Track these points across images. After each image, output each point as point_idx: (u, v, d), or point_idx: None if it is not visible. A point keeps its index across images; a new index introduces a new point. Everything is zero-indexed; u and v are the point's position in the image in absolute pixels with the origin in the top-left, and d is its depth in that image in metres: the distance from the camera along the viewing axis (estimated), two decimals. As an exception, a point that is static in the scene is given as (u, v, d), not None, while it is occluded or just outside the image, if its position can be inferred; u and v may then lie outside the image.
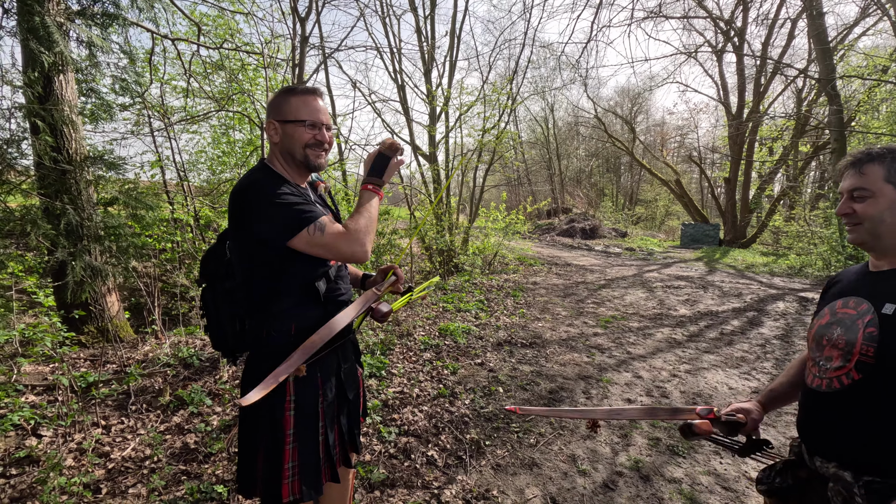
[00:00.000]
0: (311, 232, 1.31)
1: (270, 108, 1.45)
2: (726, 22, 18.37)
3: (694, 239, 19.18)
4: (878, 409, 1.03)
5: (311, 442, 1.42)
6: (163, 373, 3.42)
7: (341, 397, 1.54)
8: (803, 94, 19.19)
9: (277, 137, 1.43)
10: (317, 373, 1.45)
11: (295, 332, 1.42)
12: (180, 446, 2.70)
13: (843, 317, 1.14)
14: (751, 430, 1.36)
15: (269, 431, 1.39)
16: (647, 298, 7.61)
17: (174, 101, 8.27)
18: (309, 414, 1.42)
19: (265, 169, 1.44)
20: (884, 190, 1.08)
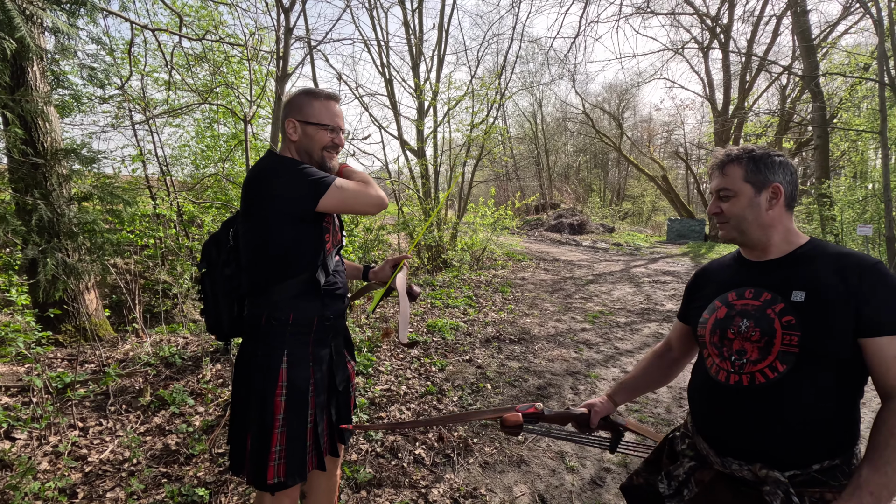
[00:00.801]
0: (339, 185, 1.41)
1: (291, 106, 1.51)
2: (713, 19, 18.51)
3: (680, 234, 19.38)
4: (803, 399, 1.02)
5: (299, 428, 1.46)
6: (143, 372, 3.34)
7: (332, 388, 1.59)
8: (787, 91, 19.46)
9: (296, 136, 1.51)
10: (309, 362, 1.49)
11: (293, 322, 1.47)
12: (161, 448, 2.63)
13: (745, 308, 1.13)
14: (594, 422, 1.44)
15: (259, 414, 1.43)
16: (634, 293, 7.65)
17: (156, 93, 8.09)
18: (299, 400, 1.46)
19: (276, 155, 1.53)
20: (743, 189, 1.14)
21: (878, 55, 10.70)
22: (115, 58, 6.94)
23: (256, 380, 1.45)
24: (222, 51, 7.11)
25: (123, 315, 4.47)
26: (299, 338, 1.49)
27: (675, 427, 1.38)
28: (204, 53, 6.88)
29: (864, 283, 0.99)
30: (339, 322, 1.62)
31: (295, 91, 1.55)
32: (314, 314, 1.50)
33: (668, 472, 1.25)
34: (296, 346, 1.48)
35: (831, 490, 1.00)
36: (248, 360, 1.49)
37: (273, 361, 1.45)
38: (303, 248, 1.47)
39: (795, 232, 1.17)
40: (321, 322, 1.52)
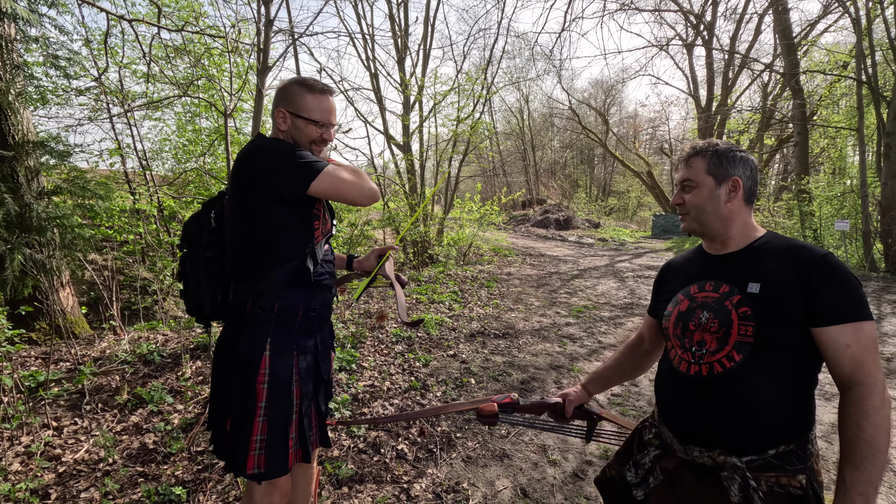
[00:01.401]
0: (332, 171, 1.39)
1: (283, 96, 1.48)
2: (696, 16, 18.68)
3: (665, 229, 19.61)
4: (759, 387, 1.05)
5: (282, 419, 1.44)
6: (120, 370, 3.27)
7: (318, 379, 1.57)
8: (769, 88, 19.74)
9: (285, 126, 1.49)
10: (293, 352, 1.47)
11: (278, 310, 1.43)
12: (138, 447, 2.58)
13: (705, 300, 1.16)
14: (569, 411, 1.52)
15: (241, 400, 1.41)
16: (618, 288, 7.72)
17: (134, 86, 7.91)
18: (284, 390, 1.44)
19: (267, 139, 1.50)
20: (705, 181, 1.17)
21: (855, 53, 10.90)
22: (91, 49, 6.78)
23: (239, 366, 1.43)
24: (203, 43, 6.97)
25: (101, 312, 4.38)
26: (284, 327, 1.46)
27: (644, 418, 1.39)
28: (184, 45, 6.75)
29: (815, 275, 1.02)
30: (325, 312, 1.60)
31: (290, 79, 1.52)
32: (300, 304, 1.48)
33: (636, 460, 1.28)
34: (280, 335, 1.45)
35: (786, 474, 1.02)
36: (231, 346, 1.46)
37: (256, 349, 1.42)
38: (291, 234, 1.44)
39: (753, 226, 1.20)
40: (306, 313, 1.50)
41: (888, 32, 9.99)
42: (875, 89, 10.26)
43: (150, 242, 5.91)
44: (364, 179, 1.47)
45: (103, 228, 5.57)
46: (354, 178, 1.44)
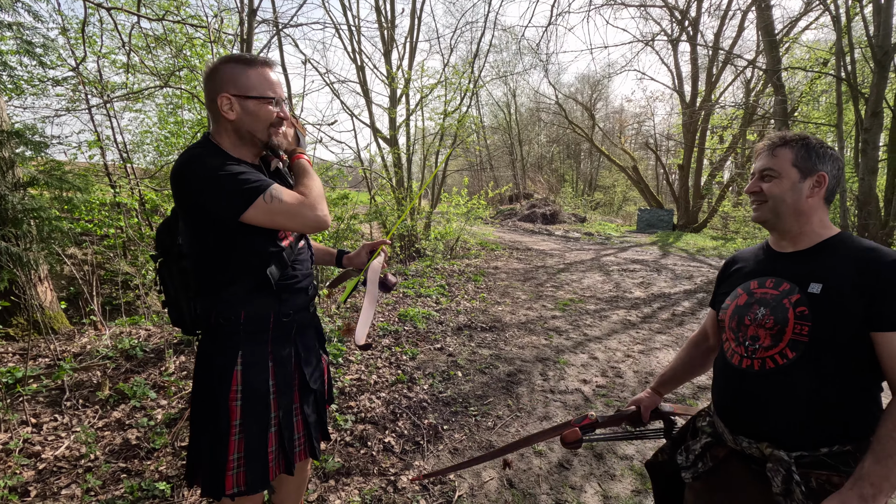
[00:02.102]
0: (268, 200, 1.21)
1: (222, 79, 1.28)
2: (681, 12, 18.82)
3: (649, 224, 19.82)
4: (809, 385, 1.06)
5: (260, 434, 1.36)
6: (102, 366, 3.22)
7: (303, 387, 1.48)
8: (752, 84, 20.01)
9: (234, 114, 1.29)
10: (268, 362, 1.38)
11: (245, 320, 1.34)
12: (120, 443, 2.55)
13: (763, 297, 1.17)
14: (646, 417, 1.52)
15: (214, 420, 1.33)
16: (603, 281, 7.80)
17: (114, 76, 7.74)
18: (259, 404, 1.36)
19: (207, 144, 1.32)
20: (790, 172, 1.16)
21: (835, 51, 11.09)
22: (68, 37, 6.60)
23: (209, 383, 1.35)
24: (184, 33, 6.83)
25: (81, 307, 4.29)
26: (255, 336, 1.36)
27: (701, 409, 1.43)
28: (165, 35, 6.59)
29: (881, 278, 1.01)
30: (302, 316, 1.48)
31: (220, 60, 1.30)
32: (269, 311, 1.37)
33: (688, 446, 1.32)
34: (252, 345, 1.36)
35: (839, 474, 1.03)
36: (202, 361, 1.39)
37: (226, 363, 1.33)
38: (247, 247, 1.31)
39: (827, 224, 1.19)
40: (278, 319, 1.40)
41: (867, 31, 10.18)
42: (854, 86, 10.46)
43: (132, 236, 5.80)
44: (309, 206, 1.28)
45: (83, 222, 5.44)
46: (296, 205, 1.25)
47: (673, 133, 27.54)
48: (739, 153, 20.73)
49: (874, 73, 9.95)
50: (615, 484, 2.45)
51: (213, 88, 1.29)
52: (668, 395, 3.23)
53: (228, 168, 1.22)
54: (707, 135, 20.04)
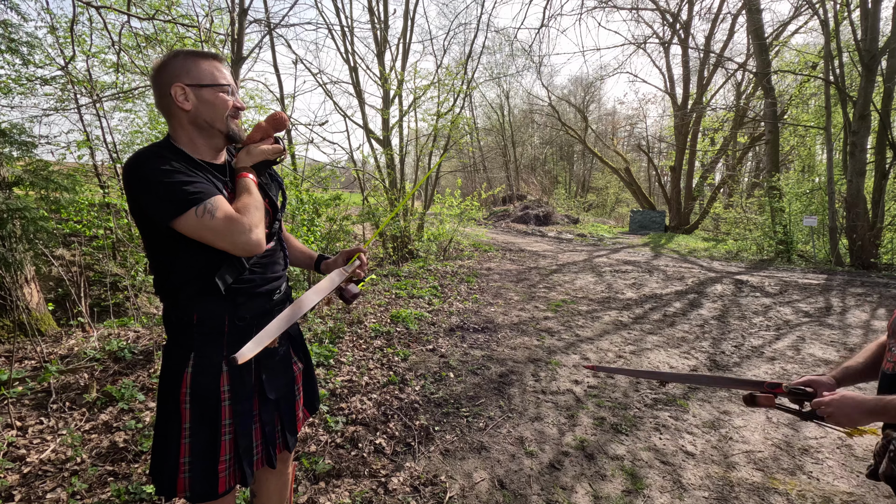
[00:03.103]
0: (200, 213, 1.15)
1: (173, 71, 1.24)
2: (673, 15, 18.97)
3: (642, 225, 19.93)
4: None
5: (208, 442, 1.31)
6: (89, 368, 3.18)
7: (262, 395, 1.41)
8: (742, 87, 20.20)
9: (189, 104, 1.25)
10: (222, 366, 1.31)
11: (197, 322, 1.28)
12: (107, 446, 2.52)
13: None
14: None
15: (166, 422, 1.31)
16: (595, 283, 7.83)
17: (104, 75, 7.66)
18: (207, 410, 1.30)
19: (165, 143, 1.28)
20: None
21: (824, 55, 11.22)
22: (57, 36, 6.53)
23: (164, 383, 1.32)
24: (175, 32, 6.78)
25: (69, 309, 4.24)
26: (209, 339, 1.30)
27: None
28: (155, 34, 6.54)
29: None
30: (263, 321, 1.37)
31: (168, 55, 1.27)
32: (222, 314, 1.31)
33: None
34: (204, 347, 1.30)
35: None
36: (163, 360, 1.36)
37: (179, 364, 1.29)
38: (195, 250, 1.24)
39: None
40: (233, 323, 1.32)
41: (854, 34, 10.31)
42: (842, 89, 10.58)
43: (122, 237, 5.75)
44: (243, 229, 1.20)
45: (71, 223, 5.39)
46: (228, 226, 1.18)
47: (665, 135, 27.74)
48: (730, 155, 20.90)
49: (861, 76, 10.08)
50: (606, 484, 2.45)
51: (164, 82, 1.24)
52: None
53: (171, 172, 1.16)
54: (698, 137, 20.20)
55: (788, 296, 7.05)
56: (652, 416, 3.20)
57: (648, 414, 3.22)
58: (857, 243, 10.07)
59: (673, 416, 3.19)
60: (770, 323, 5.55)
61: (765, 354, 4.44)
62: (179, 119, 1.27)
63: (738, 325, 5.45)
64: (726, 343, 4.77)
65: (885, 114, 10.04)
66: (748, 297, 6.97)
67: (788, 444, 2.87)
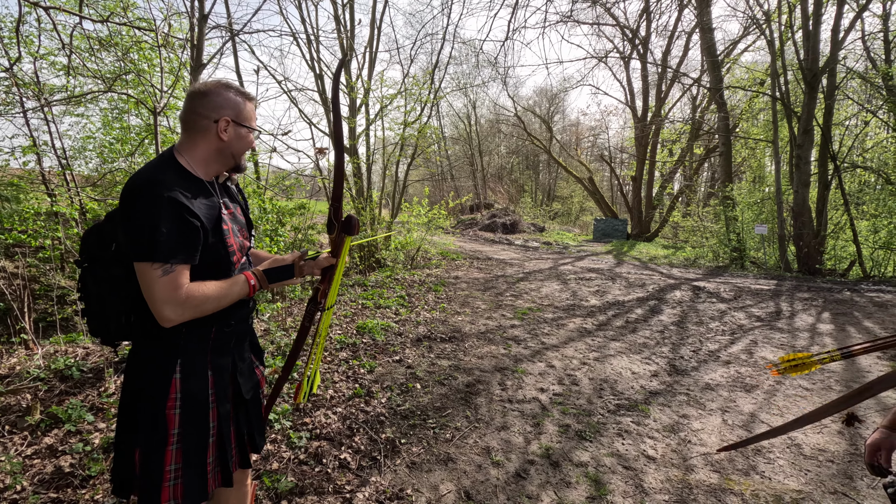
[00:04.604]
0: (156, 268, 1.19)
1: (224, 103, 1.36)
2: (632, 31, 19.71)
3: (605, 233, 20.46)
4: None
5: (199, 444, 1.36)
6: (32, 388, 2.99)
7: (237, 397, 1.50)
8: (697, 101, 21.12)
9: (227, 137, 1.37)
10: (207, 371, 1.39)
11: (187, 330, 1.34)
12: (52, 471, 2.36)
13: None
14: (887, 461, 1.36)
15: (149, 430, 1.30)
16: (561, 290, 7.97)
17: (53, 78, 7.31)
18: (197, 413, 1.36)
19: (175, 167, 1.32)
20: None
21: (771, 72, 11.88)
22: (1, 36, 6.19)
23: (146, 390, 1.32)
24: (131, 35, 6.55)
25: (10, 325, 3.99)
26: (195, 345, 1.37)
27: None
28: (109, 37, 6.30)
29: None
30: (241, 327, 1.51)
31: (221, 84, 1.38)
32: (212, 323, 1.39)
33: None
34: (191, 354, 1.36)
35: None
36: (139, 368, 1.35)
37: (165, 371, 1.32)
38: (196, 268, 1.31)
39: None
40: (220, 329, 1.42)
41: (798, 54, 10.98)
42: (787, 105, 11.23)
43: (70, 248, 5.46)
44: (176, 305, 1.22)
45: (15, 233, 5.08)
46: (169, 296, 1.20)
47: (626, 146, 28.66)
48: (687, 166, 21.78)
49: (805, 93, 10.71)
50: (571, 491, 2.48)
51: (212, 107, 1.34)
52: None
53: (166, 221, 1.19)
54: (658, 148, 20.98)
55: (742, 301, 7.36)
56: (615, 421, 3.27)
57: (612, 420, 3.29)
58: (804, 250, 10.64)
59: (635, 422, 3.27)
60: (725, 328, 5.78)
61: (721, 358, 4.61)
62: (210, 143, 1.37)
63: (695, 330, 5.65)
64: (685, 348, 4.93)
65: (827, 129, 10.70)
66: (705, 302, 7.24)
67: (743, 445, 2.99)
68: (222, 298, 1.33)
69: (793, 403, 3.60)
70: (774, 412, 3.46)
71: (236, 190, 1.58)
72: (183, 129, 1.37)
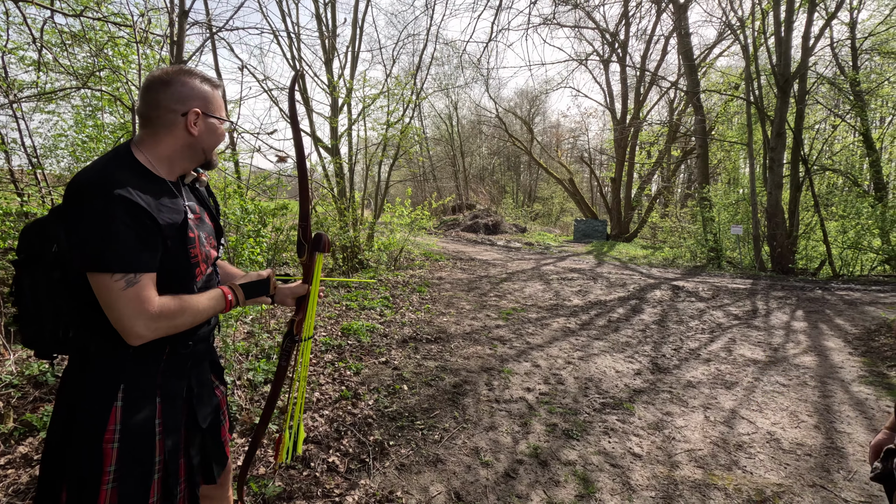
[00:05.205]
0: (117, 279, 1.04)
1: (192, 94, 1.20)
2: (611, 34, 20.01)
3: (585, 234, 20.72)
4: None
5: (138, 484, 1.17)
6: (5, 395, 2.88)
7: (192, 426, 1.32)
8: (675, 104, 21.57)
9: (197, 131, 1.22)
10: (155, 398, 1.20)
11: (133, 350, 1.15)
12: (27, 481, 2.28)
13: None
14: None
15: (80, 464, 1.11)
16: (544, 290, 8.04)
17: (22, 74, 7.06)
18: (140, 448, 1.17)
19: (132, 164, 1.14)
20: None
21: (745, 77, 12.20)
22: (-34, 30, 5.95)
23: (79, 419, 1.13)
24: (105, 31, 6.37)
25: (-21, 329, 3.83)
26: (142, 368, 1.18)
27: None
28: (83, 32, 6.11)
29: None
30: (202, 346, 1.32)
31: (184, 72, 1.21)
32: (165, 344, 1.20)
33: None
34: (137, 377, 1.17)
35: None
36: (74, 391, 1.15)
37: (102, 397, 1.13)
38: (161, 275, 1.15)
39: None
40: (175, 350, 1.23)
41: (770, 60, 11.30)
42: (761, 109, 11.54)
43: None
44: (159, 323, 1.09)
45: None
46: (136, 310, 1.05)
47: (605, 148, 29.09)
48: (665, 167, 22.22)
49: (777, 97, 11.03)
50: (560, 490, 2.50)
51: (177, 99, 1.19)
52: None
53: (123, 216, 1.04)
54: (636, 150, 21.34)
55: (720, 300, 7.54)
56: (601, 420, 3.31)
57: (597, 418, 3.33)
58: (777, 250, 10.96)
59: (620, 420, 3.31)
60: (705, 326, 5.91)
61: (701, 356, 4.71)
62: (176, 138, 1.21)
63: (676, 328, 5.76)
64: (666, 346, 5.02)
65: (798, 132, 11.04)
66: (684, 301, 7.39)
67: (725, 440, 3.06)
68: (198, 314, 1.18)
69: (771, 399, 3.70)
70: (754, 408, 3.54)
71: (206, 193, 1.41)
72: (142, 123, 1.19)
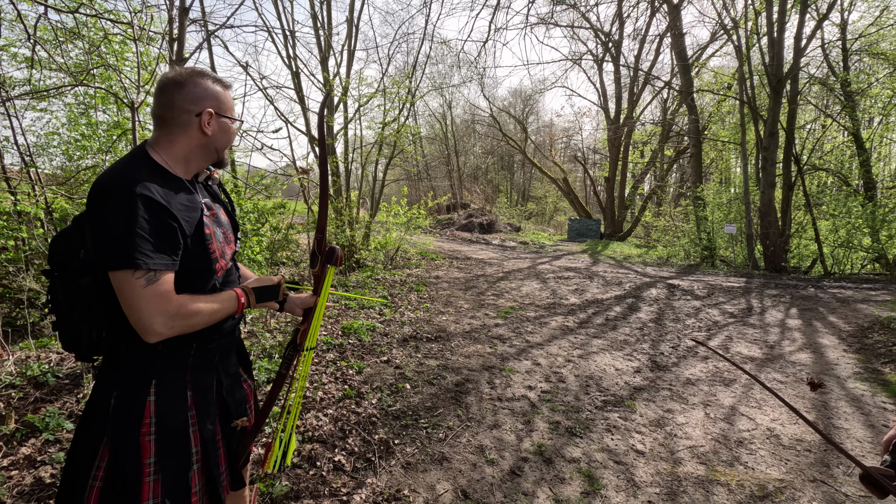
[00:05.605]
0: (139, 276, 1.06)
1: (205, 94, 1.24)
2: (606, 34, 20.10)
3: (579, 233, 20.80)
4: None
5: (179, 473, 1.22)
6: (6, 396, 2.85)
7: (225, 417, 1.37)
8: (668, 104, 21.69)
9: (210, 130, 1.26)
10: (187, 391, 1.25)
11: (163, 346, 1.19)
12: (31, 482, 2.26)
13: None
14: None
15: (118, 462, 1.14)
16: (541, 289, 8.07)
17: (15, 71, 6.98)
18: (177, 439, 1.22)
19: (150, 164, 1.17)
20: None
21: (738, 77, 12.30)
22: (-42, 26, 5.86)
23: (114, 418, 1.16)
24: (100, 28, 6.31)
25: (-24, 330, 3.78)
26: (171, 363, 1.23)
27: None
28: (77, 29, 6.04)
29: None
30: (227, 340, 1.38)
31: (199, 73, 1.25)
32: (192, 340, 1.24)
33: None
34: (168, 372, 1.22)
35: None
36: (104, 391, 1.18)
37: (136, 393, 1.17)
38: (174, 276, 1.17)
39: None
40: (201, 346, 1.28)
41: (763, 60, 11.41)
42: (754, 109, 11.65)
43: (37, 249, 5.21)
44: (177, 320, 1.11)
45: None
46: (155, 307, 1.08)
47: (599, 147, 29.22)
48: (658, 167, 22.37)
49: (770, 97, 11.13)
50: (565, 487, 2.52)
51: (191, 100, 1.22)
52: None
53: (144, 215, 1.07)
54: (630, 149, 21.45)
55: (715, 298, 7.61)
56: (603, 417, 3.33)
57: (599, 416, 3.36)
58: (770, 249, 11.07)
59: (622, 417, 3.34)
60: (701, 324, 5.96)
61: (699, 354, 4.76)
62: (191, 138, 1.25)
63: (673, 326, 5.81)
64: (664, 344, 5.06)
65: (790, 132, 11.16)
66: (680, 300, 7.45)
67: (726, 437, 3.09)
68: (213, 314, 1.20)
69: (769, 396, 3.75)
70: (753, 405, 3.59)
71: (219, 189, 1.45)
72: (157, 124, 1.24)
